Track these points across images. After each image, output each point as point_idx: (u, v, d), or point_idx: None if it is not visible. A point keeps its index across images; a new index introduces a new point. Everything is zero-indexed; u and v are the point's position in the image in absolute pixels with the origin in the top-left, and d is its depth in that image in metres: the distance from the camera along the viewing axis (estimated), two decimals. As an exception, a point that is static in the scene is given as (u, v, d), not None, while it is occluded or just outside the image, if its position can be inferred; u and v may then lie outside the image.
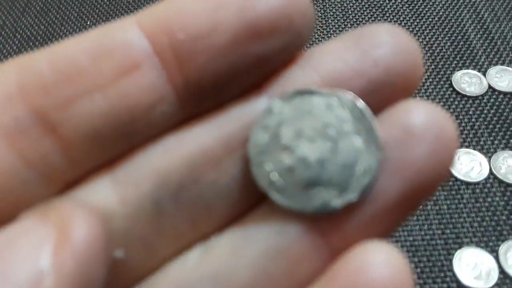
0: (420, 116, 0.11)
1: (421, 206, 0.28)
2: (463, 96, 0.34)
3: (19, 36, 0.41)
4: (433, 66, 0.36)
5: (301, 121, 0.11)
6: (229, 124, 0.12)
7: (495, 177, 0.29)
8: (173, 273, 0.12)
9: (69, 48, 0.11)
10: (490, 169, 0.30)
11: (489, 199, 0.29)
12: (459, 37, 0.38)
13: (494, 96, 0.34)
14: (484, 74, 0.35)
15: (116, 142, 0.11)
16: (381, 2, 0.41)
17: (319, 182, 0.11)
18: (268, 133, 0.11)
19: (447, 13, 0.39)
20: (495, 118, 0.32)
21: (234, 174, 0.12)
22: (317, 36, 0.39)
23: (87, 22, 0.42)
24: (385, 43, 0.11)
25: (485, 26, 0.38)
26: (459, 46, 0.37)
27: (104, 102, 0.11)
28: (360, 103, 0.11)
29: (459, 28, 0.38)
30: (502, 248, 0.27)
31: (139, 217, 0.12)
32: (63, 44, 0.11)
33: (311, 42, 0.38)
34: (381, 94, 0.12)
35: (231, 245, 0.12)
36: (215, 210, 0.12)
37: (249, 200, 0.12)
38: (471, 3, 0.40)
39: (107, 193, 0.12)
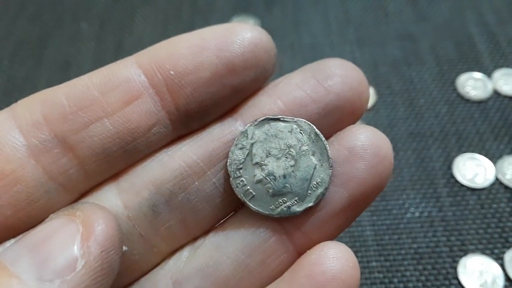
0: (361, 139, 0.14)
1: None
2: (468, 100, 0.33)
3: (13, 38, 0.40)
4: (437, 69, 0.35)
5: (269, 142, 0.15)
6: (211, 142, 0.15)
7: (501, 183, 0.29)
8: (169, 267, 0.15)
9: (83, 83, 0.14)
10: (496, 175, 0.29)
11: (494, 205, 0.28)
12: (464, 39, 0.37)
13: (499, 100, 0.33)
14: (490, 77, 0.34)
15: (121, 158, 0.14)
16: (384, 5, 0.41)
17: (283, 192, 0.14)
18: (243, 152, 0.14)
19: (450, 14, 0.39)
20: (500, 123, 0.32)
21: (216, 184, 0.15)
22: (319, 39, 0.38)
23: (82, 23, 0.42)
24: (336, 75, 0.14)
25: (489, 28, 0.37)
26: (464, 49, 0.36)
27: (111, 126, 0.14)
28: (315, 129, 0.14)
29: (463, 30, 0.38)
30: (508, 255, 0.26)
31: (139, 218, 0.14)
32: (77, 80, 0.14)
33: (319, 48, 0.38)
34: (333, 117, 0.14)
35: (215, 244, 0.15)
36: (201, 212, 0.15)
37: (229, 205, 0.15)
38: (475, 5, 0.39)
39: (114, 199, 0.14)
